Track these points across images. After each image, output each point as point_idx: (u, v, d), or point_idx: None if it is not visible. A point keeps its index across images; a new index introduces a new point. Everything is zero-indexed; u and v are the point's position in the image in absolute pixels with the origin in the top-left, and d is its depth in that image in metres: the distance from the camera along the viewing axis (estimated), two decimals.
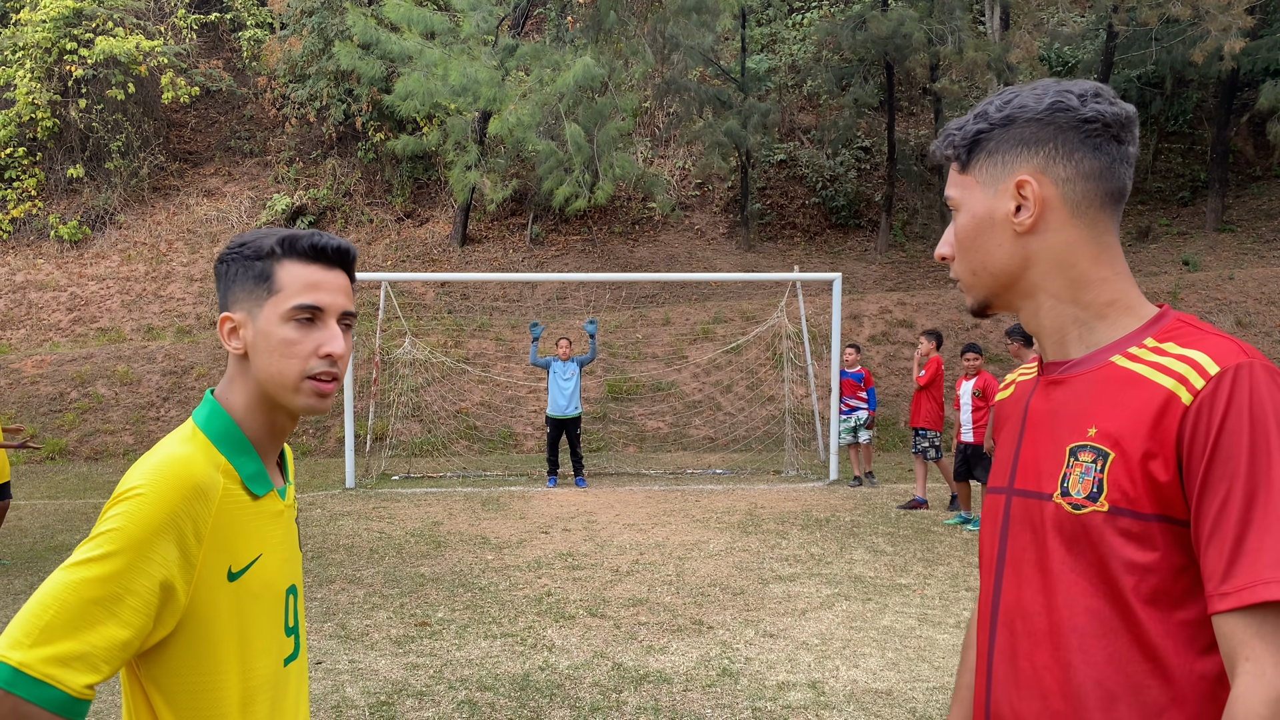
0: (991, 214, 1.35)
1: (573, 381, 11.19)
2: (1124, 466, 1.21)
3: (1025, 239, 1.34)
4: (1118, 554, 1.20)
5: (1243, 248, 21.06)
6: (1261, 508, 1.11)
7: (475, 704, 4.44)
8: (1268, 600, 1.08)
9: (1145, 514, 1.19)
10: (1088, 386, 1.29)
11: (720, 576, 6.82)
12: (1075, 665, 1.24)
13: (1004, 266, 1.36)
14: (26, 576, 7.13)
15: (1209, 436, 1.15)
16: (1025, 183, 1.32)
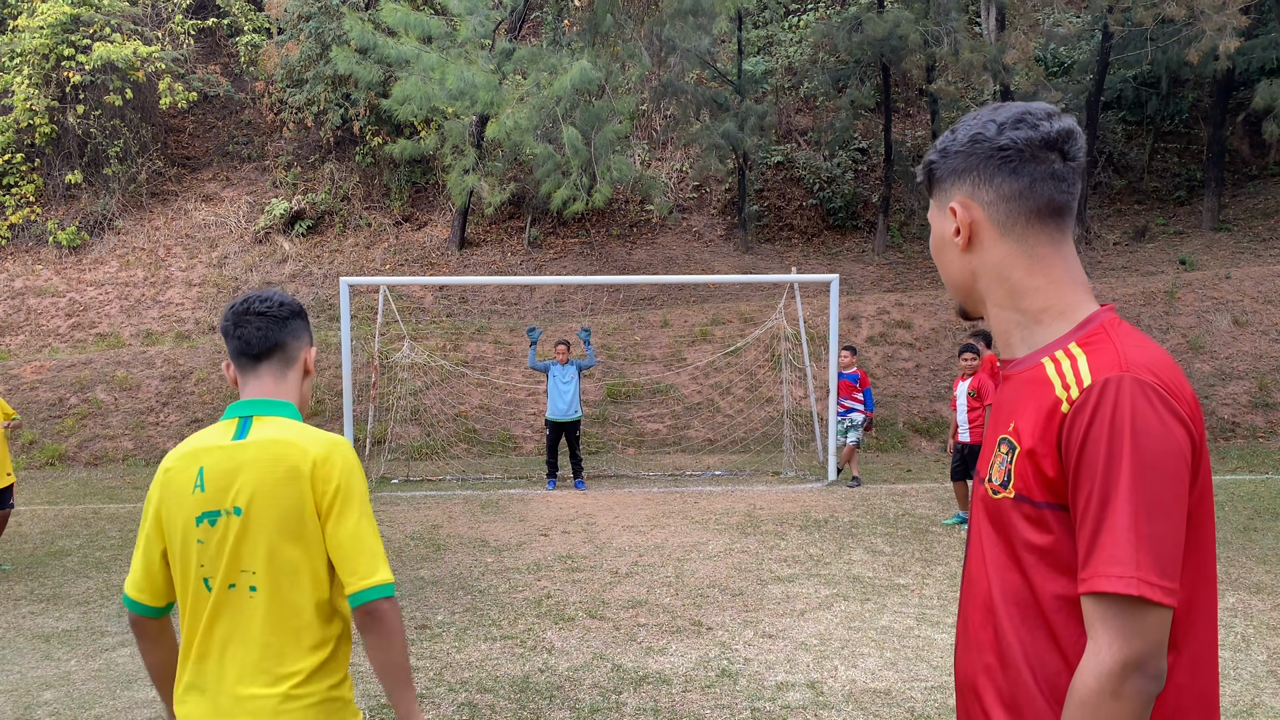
0: (943, 234, 1.57)
1: (572, 385, 11.22)
2: (1024, 459, 1.39)
3: (967, 255, 1.53)
4: (1020, 535, 1.39)
5: (1239, 247, 21.10)
6: (1110, 511, 1.28)
7: (475, 706, 4.47)
8: (1102, 590, 1.27)
9: (1038, 502, 1.37)
10: (1019, 385, 1.46)
11: (719, 578, 6.84)
12: (1003, 628, 1.42)
13: (959, 279, 1.57)
14: (27, 582, 7.14)
15: (1077, 442, 1.32)
16: (954, 208, 1.51)
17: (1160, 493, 1.29)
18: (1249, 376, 15.71)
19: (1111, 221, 22.67)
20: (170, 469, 2.12)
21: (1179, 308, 17.01)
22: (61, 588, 6.95)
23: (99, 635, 5.74)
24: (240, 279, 20.27)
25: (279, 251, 21.11)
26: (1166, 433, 1.30)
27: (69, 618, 6.14)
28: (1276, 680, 4.71)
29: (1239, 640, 5.30)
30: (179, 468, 2.11)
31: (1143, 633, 1.26)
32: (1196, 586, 1.37)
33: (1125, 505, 1.28)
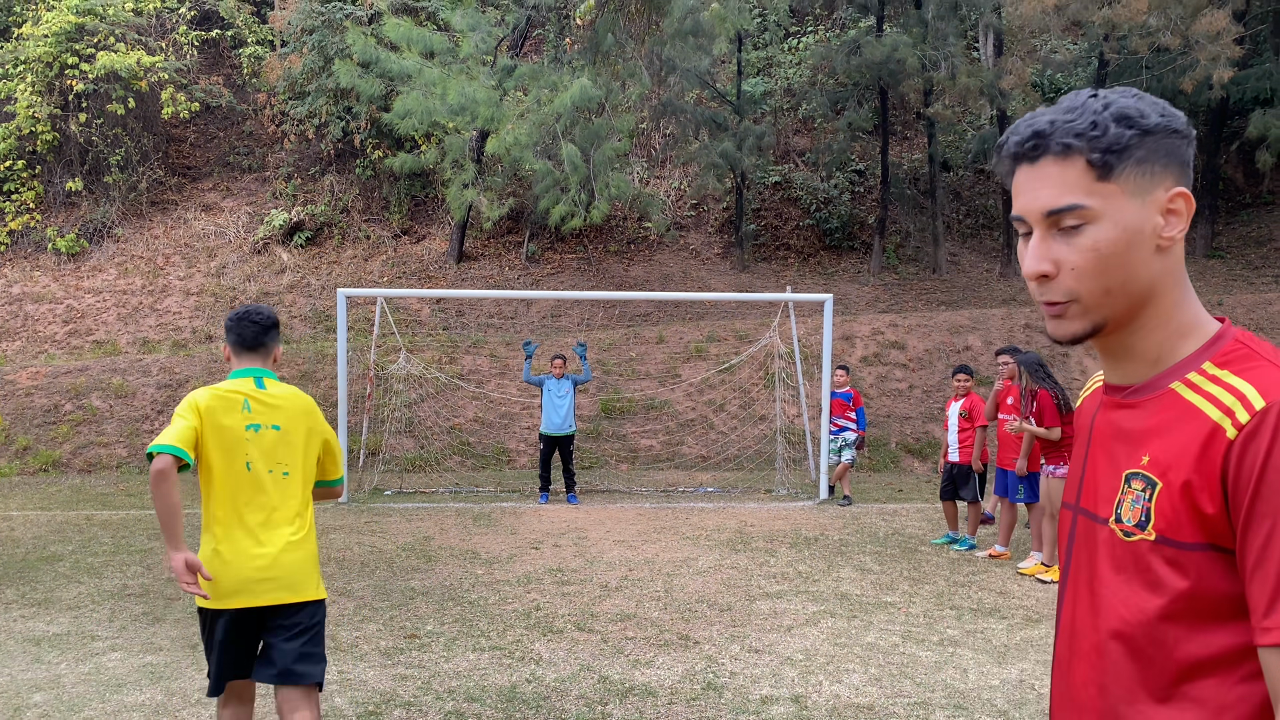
0: (1141, 229, 1.25)
1: (567, 399, 11.28)
2: (1169, 496, 1.21)
3: (1161, 256, 1.27)
4: (1160, 580, 1.21)
5: (1232, 274, 21.25)
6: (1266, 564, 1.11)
7: (462, 714, 4.51)
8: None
9: (1188, 543, 1.19)
10: (1147, 413, 1.28)
11: (708, 593, 6.89)
12: (1108, 686, 1.26)
13: (1144, 284, 1.27)
14: (18, 586, 7.17)
15: (1253, 472, 1.14)
16: (1182, 195, 1.26)
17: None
18: None
19: None
20: (217, 395, 3.32)
21: None
22: (53, 592, 6.98)
23: (90, 639, 5.77)
24: (238, 289, 20.33)
25: (277, 262, 21.18)
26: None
27: (60, 622, 6.17)
28: None
29: None
30: (227, 395, 3.33)
31: None
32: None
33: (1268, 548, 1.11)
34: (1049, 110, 1.29)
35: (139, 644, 5.68)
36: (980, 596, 6.88)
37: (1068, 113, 1.26)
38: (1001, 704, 4.69)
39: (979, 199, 24.28)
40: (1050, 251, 1.27)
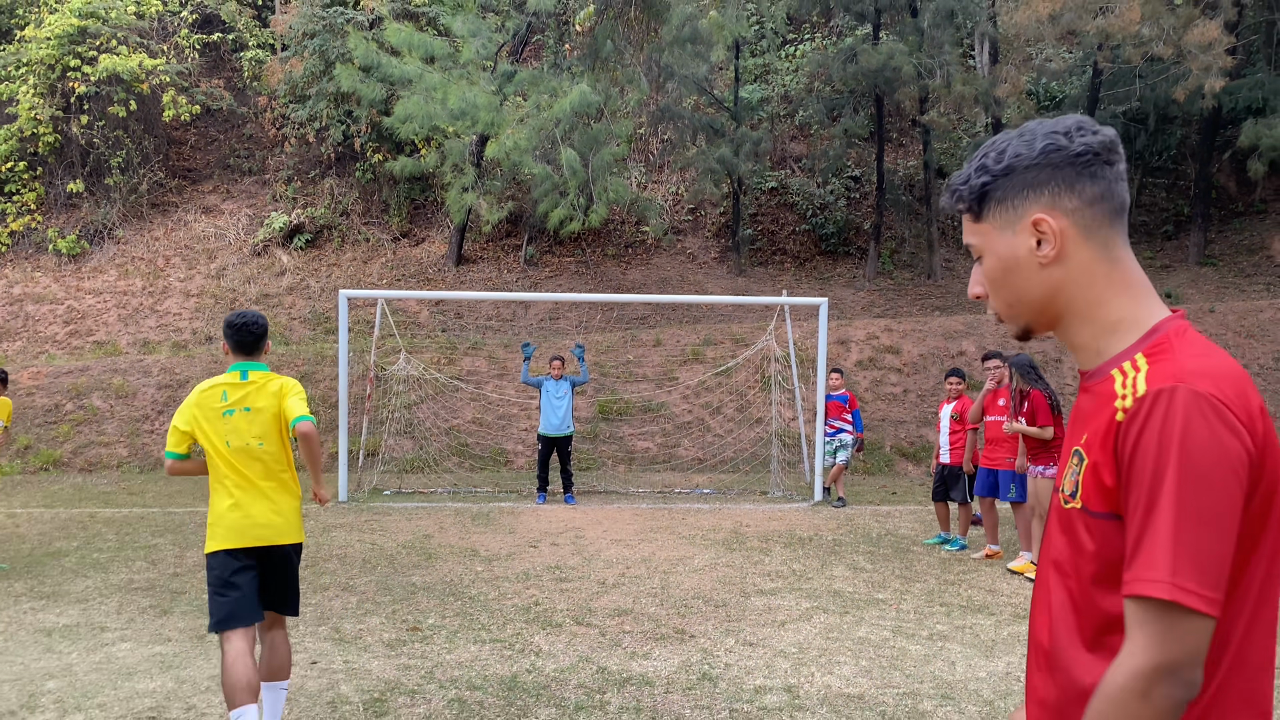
0: (1015, 253, 1.51)
1: (565, 400, 11.43)
2: (1090, 470, 1.42)
3: (1050, 270, 1.49)
4: (1083, 544, 1.43)
5: (1224, 281, 21.45)
6: (1154, 517, 1.30)
7: (465, 702, 4.65)
8: (1141, 594, 1.29)
9: (1099, 512, 1.40)
10: (1093, 396, 1.48)
11: (704, 590, 7.03)
12: (1056, 630, 1.48)
13: (1037, 297, 1.52)
14: (26, 580, 7.30)
15: (1128, 451, 1.35)
16: (1042, 220, 1.47)
17: (1207, 503, 1.30)
18: None
19: None
20: (204, 392, 4.18)
21: None
22: (60, 586, 7.11)
23: (99, 630, 5.90)
24: (238, 290, 20.46)
25: (277, 264, 21.32)
26: (1218, 444, 1.31)
27: (69, 614, 6.30)
28: None
29: None
30: (210, 391, 4.19)
31: (1179, 639, 1.28)
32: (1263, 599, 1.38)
33: (1169, 513, 1.30)
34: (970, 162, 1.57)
35: (148, 635, 5.81)
36: (970, 594, 7.03)
37: (962, 173, 1.56)
38: (988, 694, 4.84)
39: None
40: (977, 277, 1.60)
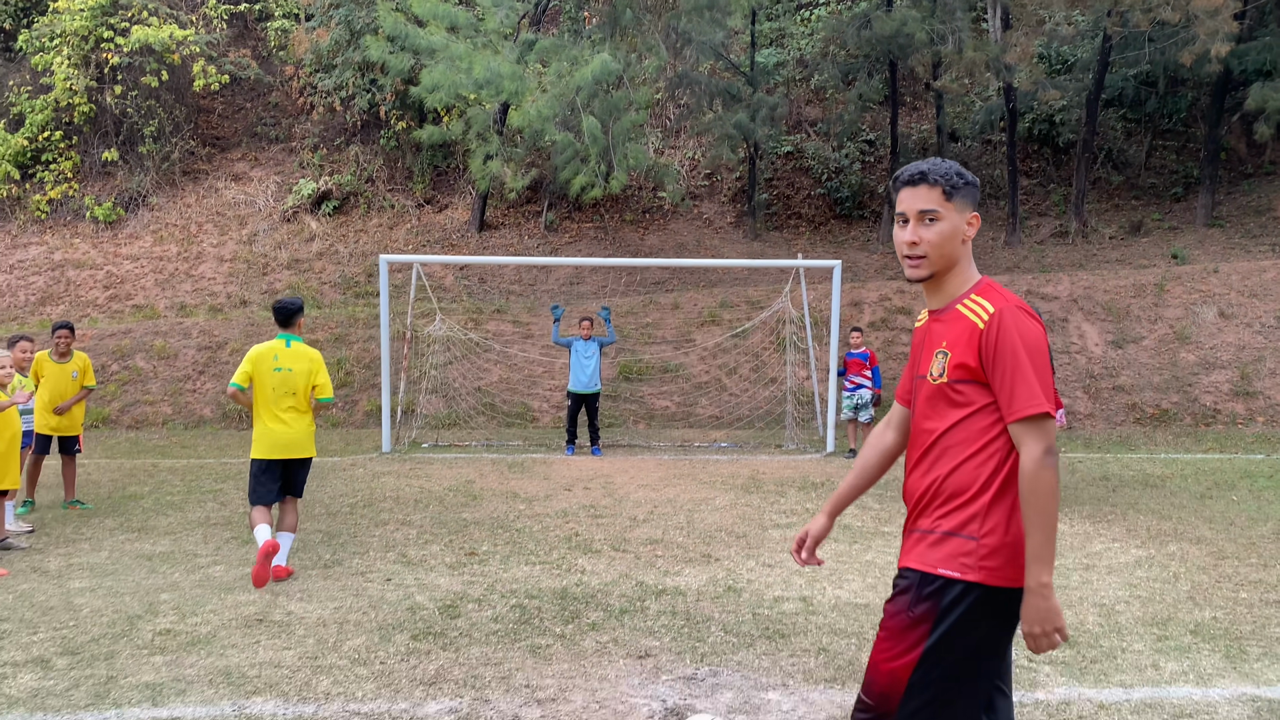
0: (957, 229, 2.53)
1: (594, 360, 12.13)
2: (954, 361, 2.50)
3: (964, 245, 2.55)
4: (952, 401, 2.52)
5: (1230, 242, 21.87)
6: (1020, 376, 2.38)
7: (525, 608, 5.38)
8: (1028, 415, 2.37)
9: (961, 380, 2.50)
10: (945, 323, 2.57)
11: (725, 524, 7.75)
12: (917, 458, 2.58)
13: (954, 256, 2.55)
14: (114, 518, 8.07)
15: (993, 345, 2.42)
16: (976, 217, 2.58)
17: (1039, 362, 2.39)
18: (1231, 366, 16.51)
19: (1109, 216, 23.46)
20: (261, 352, 6.26)
21: (1167, 300, 17.81)
22: (146, 522, 7.88)
23: (193, 556, 6.66)
24: (269, 256, 21.17)
25: (306, 230, 22.00)
26: (1037, 331, 2.44)
27: (161, 544, 7.06)
28: (1192, 602, 5.59)
29: (1170, 575, 6.19)
30: (266, 351, 6.26)
31: (1049, 432, 2.36)
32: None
33: (1027, 370, 2.37)
34: (924, 162, 2.54)
35: (235, 560, 6.56)
36: None
37: (935, 166, 2.51)
38: None
39: (985, 169, 24.88)
40: (918, 233, 2.52)
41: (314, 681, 4.29)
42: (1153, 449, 13.02)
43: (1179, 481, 10.05)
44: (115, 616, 5.24)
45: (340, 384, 16.54)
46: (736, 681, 4.31)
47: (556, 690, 4.20)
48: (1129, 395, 15.90)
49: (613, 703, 4.07)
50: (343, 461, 11.44)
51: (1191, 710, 4.02)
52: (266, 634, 4.93)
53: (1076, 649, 4.77)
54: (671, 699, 4.11)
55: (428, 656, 4.62)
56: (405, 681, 4.30)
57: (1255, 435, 14.44)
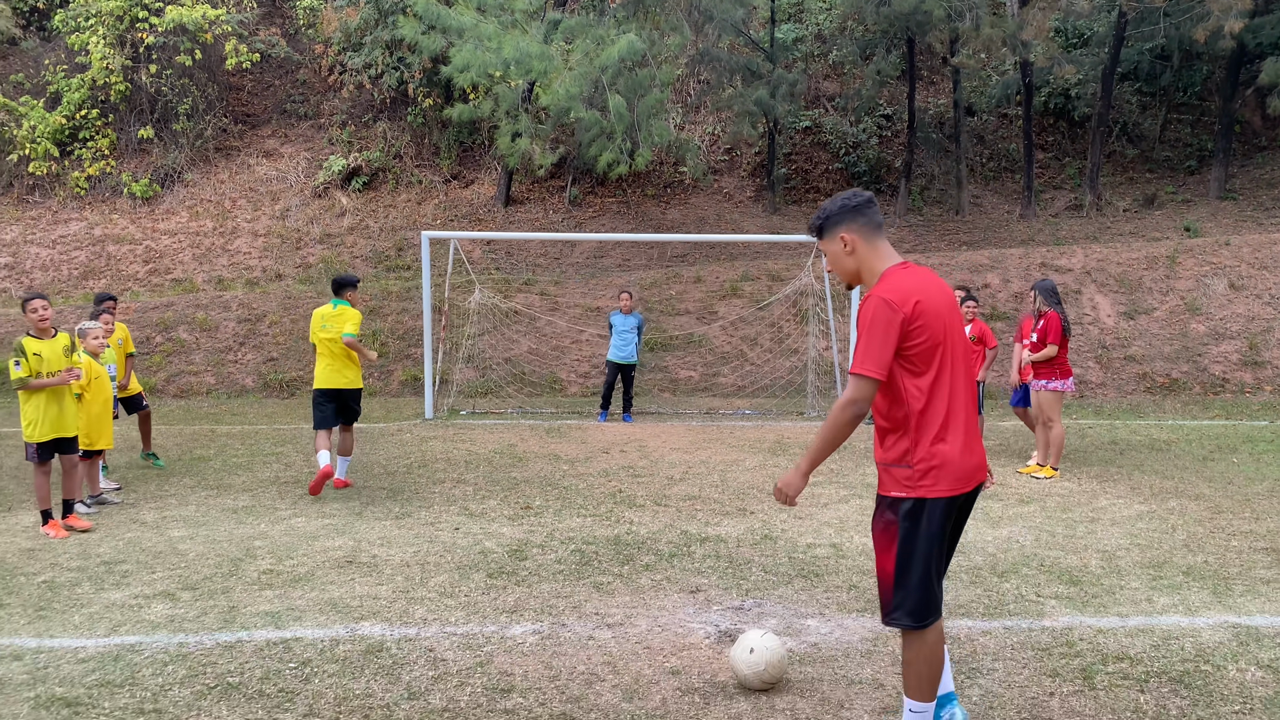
0: (837, 252, 3.39)
1: (633, 334, 12.74)
2: None
3: (853, 255, 3.35)
4: None
5: (1243, 215, 22.21)
6: (858, 344, 3.18)
7: (583, 552, 6.00)
8: (851, 371, 3.19)
9: None
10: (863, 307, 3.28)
11: (756, 482, 8.35)
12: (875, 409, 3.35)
13: (852, 268, 3.39)
14: (188, 478, 8.72)
15: (857, 322, 3.28)
16: (847, 235, 3.35)
17: (874, 336, 3.14)
18: (1240, 337, 16.96)
19: (1123, 189, 23.81)
20: (317, 314, 8.34)
21: (1179, 272, 18.23)
22: (221, 480, 8.53)
23: (273, 510, 7.31)
24: (303, 231, 21.77)
25: (337, 205, 22.58)
26: (887, 315, 3.15)
27: (241, 499, 7.71)
28: (1187, 549, 6.17)
29: (1168, 527, 6.76)
30: (319, 314, 8.31)
31: (858, 388, 3.15)
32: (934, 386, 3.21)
33: (863, 340, 3.16)
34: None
35: (314, 512, 7.21)
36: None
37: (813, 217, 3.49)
38: (991, 550, 6.12)
39: (1001, 143, 25.23)
40: (826, 262, 3.46)
41: (410, 610, 4.92)
42: (1161, 416, 13.54)
43: (1183, 445, 10.59)
44: (219, 559, 5.89)
45: (376, 355, 17.17)
46: (779, 611, 4.92)
47: (623, 617, 4.82)
48: (1140, 365, 16.39)
49: (673, 626, 4.69)
50: (389, 427, 12.09)
51: (1178, 634, 4.61)
52: (358, 574, 5.57)
53: (1080, 586, 5.36)
54: (723, 624, 4.72)
55: (504, 591, 5.25)
56: (489, 610, 4.93)
57: (1261, 403, 14.92)
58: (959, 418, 3.24)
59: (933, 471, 3.18)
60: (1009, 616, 4.86)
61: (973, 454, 3.27)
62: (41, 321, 6.66)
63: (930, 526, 3.20)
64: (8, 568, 5.74)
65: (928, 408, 3.19)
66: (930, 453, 3.18)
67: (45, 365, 6.63)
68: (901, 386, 3.21)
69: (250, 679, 4.03)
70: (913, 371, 3.19)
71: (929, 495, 3.19)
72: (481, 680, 4.02)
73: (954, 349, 3.26)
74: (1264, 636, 4.57)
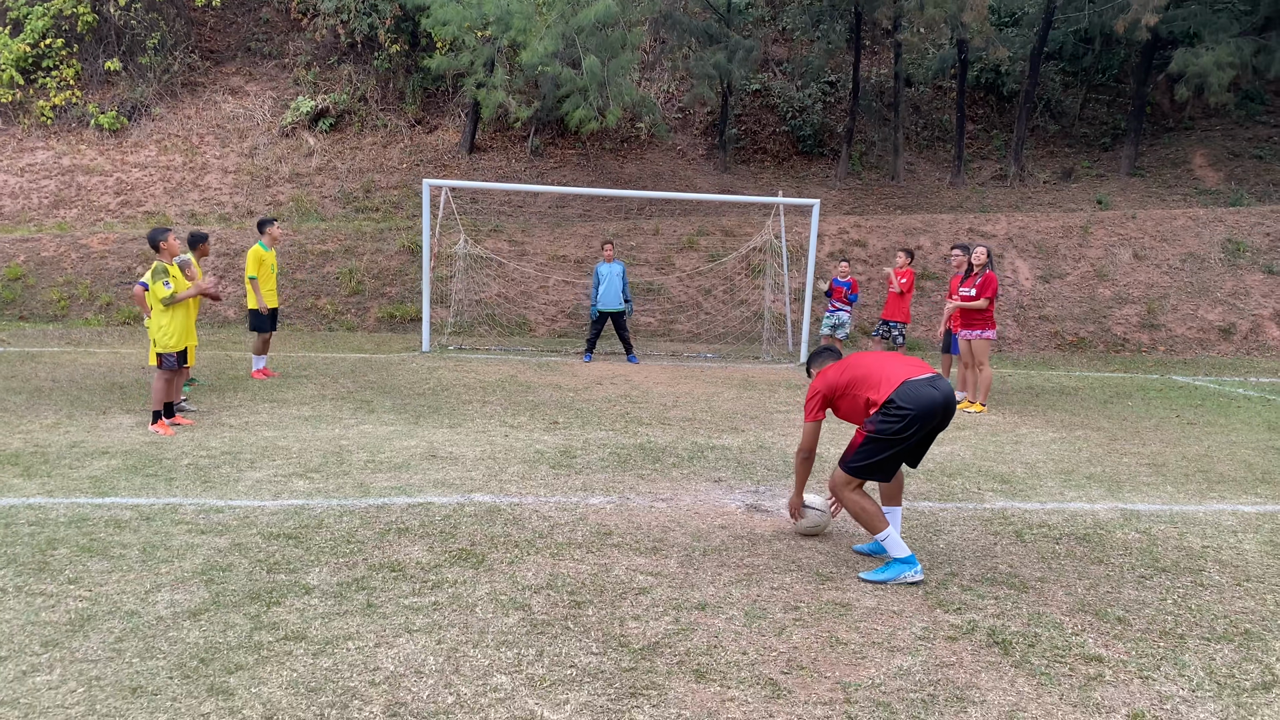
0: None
1: (620, 280, 13.82)
2: None
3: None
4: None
5: (1149, 191, 24.40)
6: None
7: (618, 454, 7.41)
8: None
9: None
10: None
11: (739, 409, 9.84)
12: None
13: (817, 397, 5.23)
14: (239, 394, 9.84)
15: None
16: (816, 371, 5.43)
17: (812, 401, 5.12)
18: (1141, 302, 19.04)
19: (1044, 162, 25.79)
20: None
21: (1090, 241, 20.23)
22: (272, 395, 9.67)
23: (340, 419, 8.53)
24: (271, 170, 22.41)
25: (304, 146, 23.22)
26: (815, 394, 5.11)
27: (303, 411, 8.90)
28: (1089, 463, 7.86)
29: (1075, 449, 8.47)
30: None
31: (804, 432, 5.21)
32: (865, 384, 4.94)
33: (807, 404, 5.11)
34: None
35: (375, 421, 8.46)
36: None
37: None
38: (940, 460, 7.72)
39: (936, 113, 26.98)
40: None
41: (505, 486, 6.28)
42: (1069, 369, 15.45)
43: (1088, 392, 12.42)
44: (322, 453, 7.14)
45: (352, 292, 18.19)
46: (786, 493, 6.42)
47: (670, 495, 6.26)
48: (1052, 324, 18.34)
49: (710, 501, 6.15)
50: (393, 358, 13.25)
51: (1082, 514, 6.24)
52: (446, 464, 6.89)
53: (1010, 484, 6.97)
54: (748, 500, 6.20)
55: (570, 476, 6.64)
56: (565, 488, 6.32)
57: (1155, 360, 16.99)
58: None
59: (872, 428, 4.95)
60: (958, 501, 6.45)
61: None
62: (171, 249, 7.90)
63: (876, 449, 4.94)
64: (148, 456, 6.91)
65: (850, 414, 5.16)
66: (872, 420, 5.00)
67: (178, 286, 7.80)
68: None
69: (411, 525, 5.36)
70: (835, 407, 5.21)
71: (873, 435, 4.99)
72: (585, 529, 5.42)
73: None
74: (1142, 515, 6.23)
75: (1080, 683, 3.73)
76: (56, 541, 4.92)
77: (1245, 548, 5.59)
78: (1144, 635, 4.22)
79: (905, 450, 4.75)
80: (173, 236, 8.06)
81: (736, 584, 4.64)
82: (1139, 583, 4.92)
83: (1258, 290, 19.11)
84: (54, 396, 9.26)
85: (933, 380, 4.73)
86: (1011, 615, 4.39)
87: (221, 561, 4.69)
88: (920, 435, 4.71)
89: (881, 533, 4.78)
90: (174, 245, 8.06)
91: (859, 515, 4.82)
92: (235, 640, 3.81)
